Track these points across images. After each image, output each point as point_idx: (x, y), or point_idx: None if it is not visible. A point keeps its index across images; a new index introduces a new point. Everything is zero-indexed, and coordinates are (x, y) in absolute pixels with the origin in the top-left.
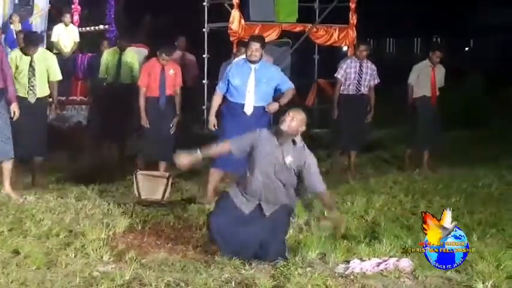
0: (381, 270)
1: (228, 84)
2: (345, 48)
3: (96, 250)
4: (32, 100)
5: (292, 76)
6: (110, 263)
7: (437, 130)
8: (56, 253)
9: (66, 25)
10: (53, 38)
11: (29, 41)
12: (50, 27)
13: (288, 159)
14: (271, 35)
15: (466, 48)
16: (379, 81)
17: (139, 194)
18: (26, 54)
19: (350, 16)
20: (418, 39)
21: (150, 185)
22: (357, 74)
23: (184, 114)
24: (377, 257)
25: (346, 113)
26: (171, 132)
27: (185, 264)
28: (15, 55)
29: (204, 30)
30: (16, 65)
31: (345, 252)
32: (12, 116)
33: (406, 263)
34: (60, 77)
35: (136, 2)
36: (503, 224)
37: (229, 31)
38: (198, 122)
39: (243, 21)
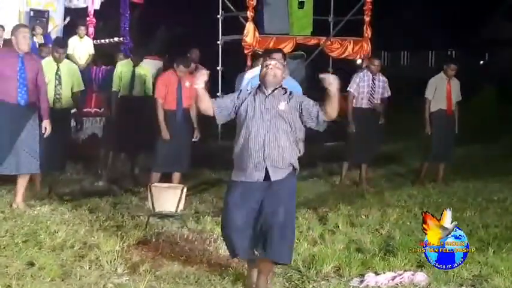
0: (396, 284)
1: None
2: (359, 61)
3: (111, 262)
4: (59, 108)
5: (307, 89)
6: (124, 275)
7: (451, 143)
8: (71, 265)
9: (81, 37)
10: (68, 51)
11: (58, 43)
12: (65, 40)
13: (282, 106)
14: (286, 48)
15: (481, 62)
16: (390, 94)
17: (153, 206)
18: (54, 59)
19: (364, 29)
20: (433, 52)
21: (164, 197)
22: (370, 88)
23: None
24: (392, 270)
25: (359, 126)
26: (195, 140)
27: (199, 276)
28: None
29: (218, 42)
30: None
31: (359, 266)
32: (43, 132)
33: (421, 277)
34: (83, 87)
35: (151, 14)
36: None
37: (243, 44)
38: (212, 134)
39: (257, 33)
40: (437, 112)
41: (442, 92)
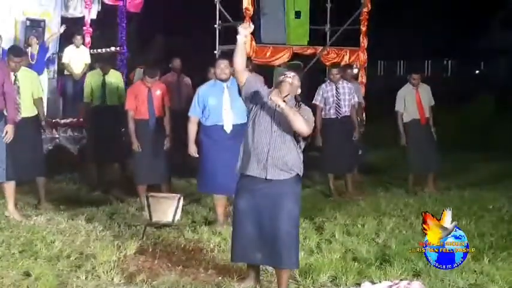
0: None
1: (203, 107)
2: (355, 71)
3: (107, 272)
4: (17, 119)
5: (304, 98)
6: (121, 285)
7: (434, 150)
8: (67, 275)
9: (77, 47)
10: (64, 60)
11: (13, 52)
12: (61, 49)
13: None
14: (283, 58)
15: (477, 71)
16: (358, 100)
17: (150, 215)
18: (11, 68)
19: (361, 39)
20: (429, 62)
21: (161, 207)
22: (334, 97)
23: (179, 135)
24: (388, 279)
25: (332, 137)
26: (165, 148)
27: (196, 286)
28: None
29: (215, 52)
30: None
31: (356, 275)
32: (3, 136)
33: (417, 286)
34: (41, 94)
35: (148, 24)
36: None
37: None
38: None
39: (254, 43)
40: (411, 122)
41: (412, 102)
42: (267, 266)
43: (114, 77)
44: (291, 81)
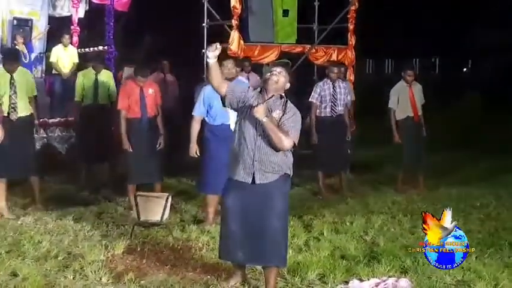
0: None
1: (208, 107)
2: (342, 69)
3: (95, 272)
4: (14, 118)
5: (292, 97)
6: (109, 285)
7: (421, 152)
8: (55, 275)
9: (65, 46)
10: (52, 59)
11: (9, 56)
12: (48, 48)
13: (275, 114)
14: (271, 56)
15: (464, 69)
16: (354, 98)
17: (138, 215)
18: (7, 71)
19: (349, 37)
20: (417, 60)
21: (149, 206)
22: (331, 96)
23: (167, 134)
24: (376, 277)
25: (326, 135)
26: (158, 148)
27: (184, 285)
28: None
29: (203, 51)
30: None
31: (344, 273)
32: None
33: (404, 283)
34: (35, 93)
35: (136, 23)
36: (501, 244)
37: (228, 52)
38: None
39: (242, 42)
40: (405, 120)
41: (405, 99)
42: (253, 265)
43: (106, 77)
44: (277, 79)
